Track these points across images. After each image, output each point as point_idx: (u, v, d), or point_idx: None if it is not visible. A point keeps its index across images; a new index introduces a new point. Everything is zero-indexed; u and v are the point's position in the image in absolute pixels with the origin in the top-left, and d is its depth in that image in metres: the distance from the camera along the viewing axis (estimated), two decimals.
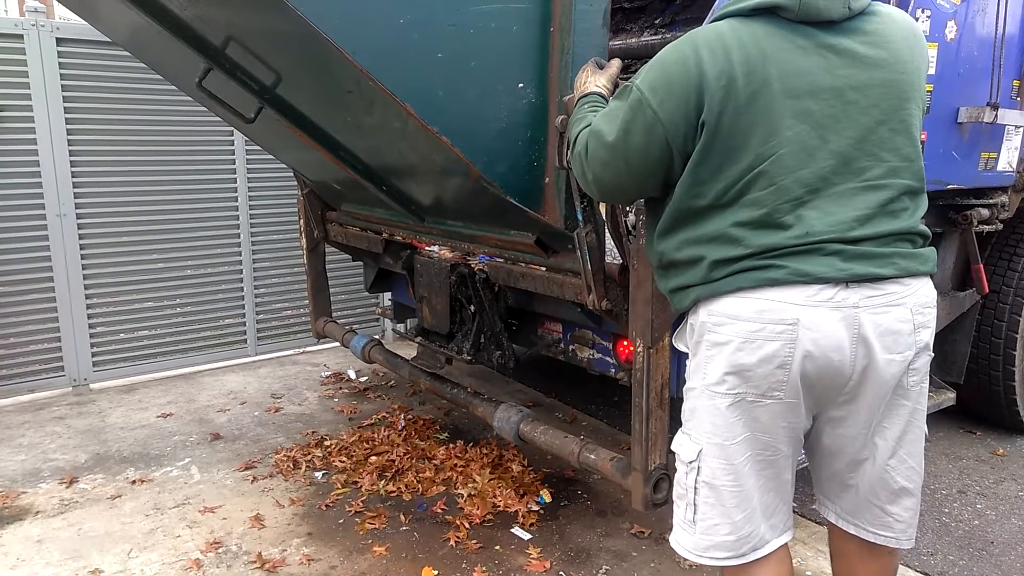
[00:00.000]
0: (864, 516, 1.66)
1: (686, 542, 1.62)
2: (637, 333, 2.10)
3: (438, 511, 2.94)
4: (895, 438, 1.58)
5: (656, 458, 2.17)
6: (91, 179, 4.19)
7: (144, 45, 2.81)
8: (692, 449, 1.58)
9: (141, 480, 3.21)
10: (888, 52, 1.47)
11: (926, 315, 1.53)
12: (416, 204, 2.85)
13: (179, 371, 4.61)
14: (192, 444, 3.60)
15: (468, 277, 2.92)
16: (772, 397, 1.48)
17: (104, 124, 4.19)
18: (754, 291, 1.46)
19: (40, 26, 3.93)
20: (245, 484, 3.19)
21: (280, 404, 4.14)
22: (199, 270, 4.59)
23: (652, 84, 1.49)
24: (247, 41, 2.20)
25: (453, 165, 2.17)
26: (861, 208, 1.44)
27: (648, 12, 3.24)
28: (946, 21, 2.63)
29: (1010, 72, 2.95)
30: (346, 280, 5.03)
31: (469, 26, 1.94)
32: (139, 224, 4.35)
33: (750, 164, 1.44)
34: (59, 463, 3.39)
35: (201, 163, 4.50)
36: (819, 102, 1.43)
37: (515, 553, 2.67)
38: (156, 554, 2.65)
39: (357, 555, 2.66)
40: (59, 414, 3.99)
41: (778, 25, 1.45)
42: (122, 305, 4.38)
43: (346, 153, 2.69)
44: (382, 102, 1.99)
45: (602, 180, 1.65)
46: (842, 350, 1.45)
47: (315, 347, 5.07)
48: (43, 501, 3.04)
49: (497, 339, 2.99)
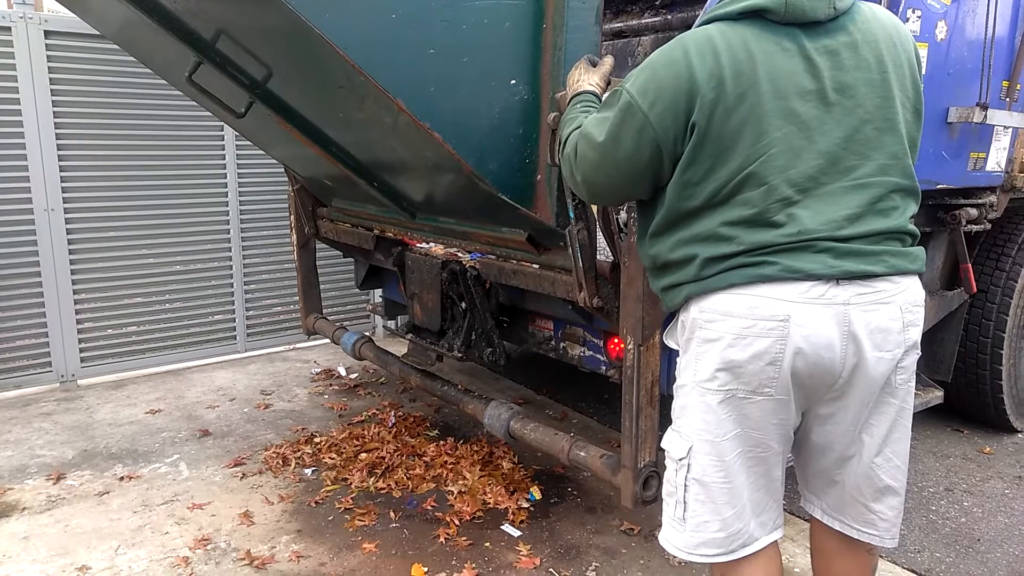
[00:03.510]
0: (849, 513, 1.67)
1: (676, 540, 1.62)
2: (628, 330, 2.10)
3: (428, 508, 2.93)
4: (882, 436, 1.59)
5: (646, 455, 2.17)
6: (79, 174, 4.16)
7: (134, 38, 2.79)
8: (682, 446, 1.58)
9: (129, 477, 3.19)
10: (872, 52, 1.49)
11: (915, 313, 1.54)
12: (407, 200, 2.84)
13: (168, 367, 4.58)
14: (181, 441, 3.58)
15: (459, 274, 2.92)
16: (763, 394, 1.49)
17: (93, 118, 4.16)
18: (746, 288, 1.47)
19: (28, 18, 3.89)
20: (234, 481, 3.17)
21: (270, 401, 4.12)
22: (188, 266, 4.56)
23: (642, 87, 1.50)
24: (238, 35, 2.19)
25: (445, 161, 2.16)
26: (851, 207, 1.46)
27: None
28: (936, 21, 2.65)
29: (999, 73, 2.97)
30: (337, 276, 5.01)
31: (461, 21, 1.93)
32: (128, 219, 4.32)
33: (740, 165, 1.45)
34: (46, 459, 3.37)
35: (191, 158, 4.47)
36: (805, 103, 1.44)
37: (505, 550, 2.67)
38: (144, 551, 2.64)
39: (347, 552, 2.65)
40: (46, 410, 3.96)
41: (764, 27, 1.46)
42: (110, 301, 4.35)
43: (337, 149, 2.68)
44: (373, 97, 1.98)
45: (592, 182, 1.66)
46: (833, 347, 1.46)
47: (305, 344, 5.05)
48: (30, 498, 3.02)
49: (488, 336, 2.99)
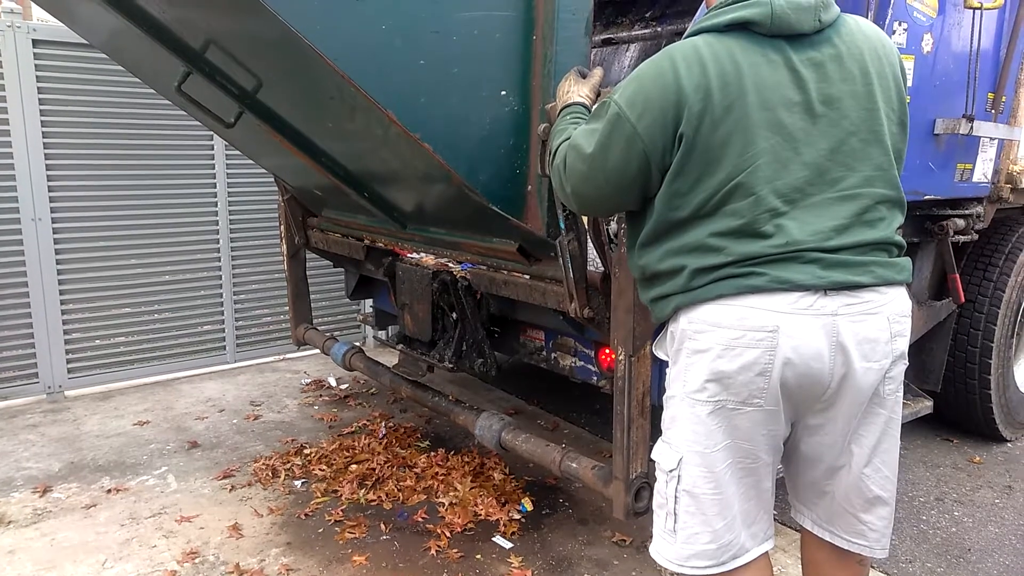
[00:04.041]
0: (839, 523, 1.67)
1: (666, 552, 1.61)
2: (619, 341, 2.10)
3: (419, 520, 2.91)
4: (871, 446, 1.59)
5: (637, 467, 2.17)
6: (67, 183, 4.14)
7: (122, 48, 2.78)
8: (672, 458, 1.58)
9: (116, 489, 3.16)
10: (857, 64, 1.50)
11: (902, 324, 1.55)
12: (398, 211, 2.84)
13: (156, 378, 4.55)
14: (169, 452, 3.55)
15: (450, 284, 2.91)
16: (752, 404, 1.49)
17: (81, 127, 4.14)
18: (734, 298, 1.47)
19: (16, 27, 3.88)
20: (223, 493, 3.15)
21: (259, 412, 4.10)
22: (177, 276, 4.54)
23: (630, 99, 1.51)
24: (228, 45, 2.18)
25: (435, 172, 2.16)
26: (838, 218, 1.46)
27: (639, 5, 3.25)
28: (922, 34, 2.67)
29: (985, 85, 3.00)
30: (327, 287, 4.99)
31: (452, 33, 1.94)
32: (116, 229, 4.30)
33: (728, 175, 1.46)
34: (32, 472, 3.33)
35: (180, 167, 4.46)
36: (791, 115, 1.45)
37: (496, 562, 2.66)
38: (131, 565, 2.61)
39: (337, 565, 2.63)
40: (33, 422, 3.91)
41: (751, 39, 1.48)
42: (98, 311, 4.32)
43: (327, 159, 2.67)
44: (364, 108, 1.98)
45: (581, 194, 1.66)
46: (821, 358, 1.46)
47: (295, 354, 5.03)
48: (16, 511, 2.98)
49: (479, 346, 2.98)
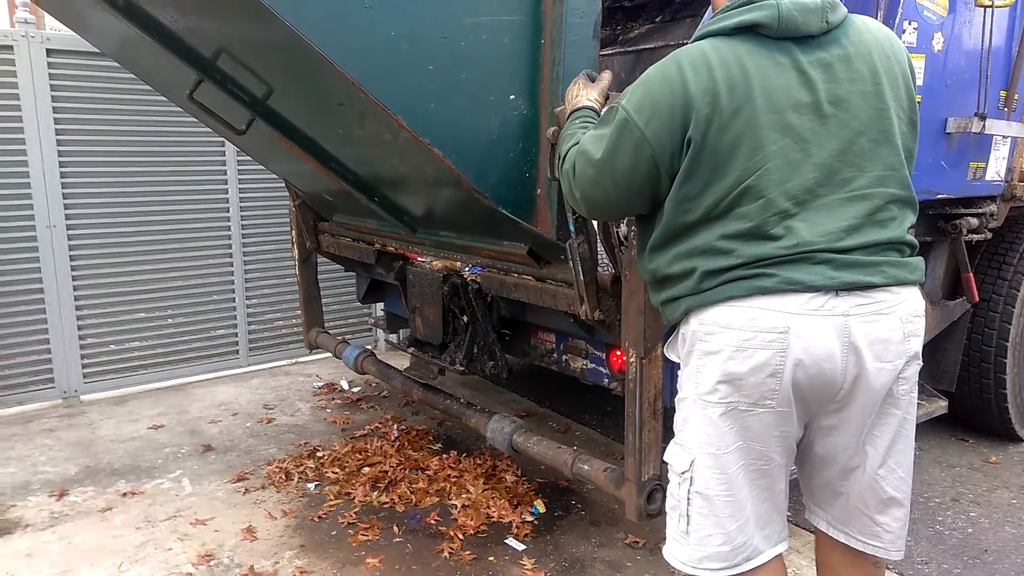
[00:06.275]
0: (854, 524, 1.66)
1: (680, 554, 1.61)
2: (630, 343, 2.10)
3: (432, 522, 2.92)
4: (885, 447, 1.59)
5: (650, 469, 2.17)
6: (81, 190, 4.18)
7: (134, 57, 2.81)
8: (685, 459, 1.58)
9: (132, 492, 3.19)
10: (866, 64, 1.50)
11: (916, 324, 1.54)
12: (408, 215, 2.85)
13: (170, 382, 4.58)
14: (183, 456, 3.58)
15: (461, 287, 2.92)
16: (764, 406, 1.49)
17: (94, 135, 4.18)
18: (745, 300, 1.47)
19: (30, 37, 3.93)
20: (237, 496, 3.17)
21: (272, 415, 4.12)
22: (190, 281, 4.57)
23: (638, 104, 1.52)
24: (238, 53, 2.20)
25: (445, 176, 2.17)
26: (849, 218, 1.46)
27: (648, 10, 3.25)
28: (933, 33, 2.66)
29: (997, 83, 2.97)
30: (338, 291, 5.02)
31: (460, 38, 1.94)
32: (130, 235, 4.34)
33: (737, 179, 1.46)
34: (49, 476, 3.36)
35: (192, 174, 4.49)
36: (800, 116, 1.45)
37: (509, 564, 2.66)
38: (147, 567, 2.63)
39: (350, 567, 2.64)
40: (49, 426, 3.96)
41: (758, 43, 1.48)
42: (112, 316, 4.36)
43: (338, 164, 2.69)
44: (373, 114, 1.99)
45: (590, 198, 1.67)
46: (833, 359, 1.46)
47: (307, 358, 5.05)
48: (33, 514, 3.01)
49: (490, 349, 2.99)
